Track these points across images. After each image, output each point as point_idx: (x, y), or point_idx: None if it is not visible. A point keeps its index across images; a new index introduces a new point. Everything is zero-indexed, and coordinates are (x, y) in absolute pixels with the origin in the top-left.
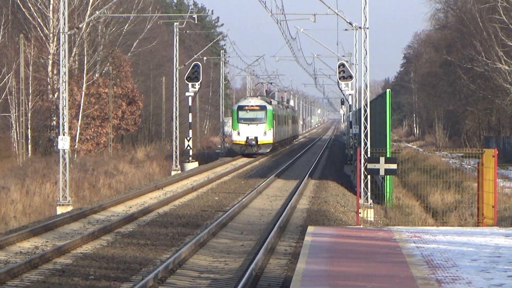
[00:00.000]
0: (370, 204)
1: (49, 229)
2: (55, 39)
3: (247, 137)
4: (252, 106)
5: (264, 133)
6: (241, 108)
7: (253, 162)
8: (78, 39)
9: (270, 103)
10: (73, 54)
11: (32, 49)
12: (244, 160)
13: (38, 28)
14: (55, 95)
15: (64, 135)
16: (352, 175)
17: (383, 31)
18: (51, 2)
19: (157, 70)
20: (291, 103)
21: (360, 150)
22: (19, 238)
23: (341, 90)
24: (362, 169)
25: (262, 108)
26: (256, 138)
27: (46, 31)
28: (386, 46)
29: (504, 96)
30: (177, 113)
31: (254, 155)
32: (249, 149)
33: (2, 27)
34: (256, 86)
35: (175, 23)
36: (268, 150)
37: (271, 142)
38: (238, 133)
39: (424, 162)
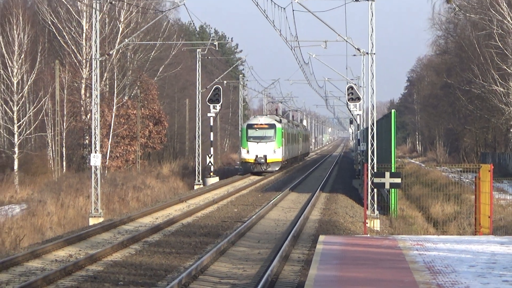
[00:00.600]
0: (377, 215)
1: (82, 239)
2: (87, 65)
3: (256, 155)
4: (261, 124)
5: (273, 151)
6: (250, 126)
7: (269, 176)
8: (109, 64)
9: (279, 121)
10: (104, 78)
11: (67, 74)
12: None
13: (72, 55)
14: (88, 116)
15: (96, 152)
16: (359, 188)
17: (388, 56)
18: (84, 30)
19: (181, 93)
20: (304, 122)
21: (367, 165)
22: (54, 247)
23: (350, 111)
24: (369, 183)
25: (271, 126)
26: (265, 156)
27: (80, 57)
28: (391, 69)
29: (500, 116)
30: (200, 132)
31: (263, 173)
32: (258, 167)
33: (39, 54)
34: (272, 107)
35: (197, 50)
36: (277, 168)
37: (280, 160)
38: (248, 151)
39: (426, 176)
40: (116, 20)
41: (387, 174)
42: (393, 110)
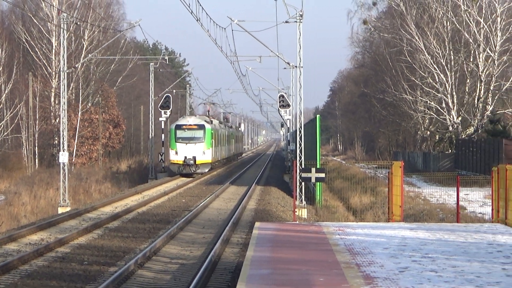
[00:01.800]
0: (304, 204)
1: (52, 225)
2: (56, 76)
3: (185, 157)
4: (190, 125)
5: (202, 153)
6: (179, 127)
7: (212, 172)
8: (75, 76)
9: (210, 122)
10: (70, 88)
11: (39, 84)
12: None
13: (43, 68)
14: (57, 120)
15: (63, 151)
16: (289, 182)
17: (314, 69)
18: (53, 47)
19: (137, 100)
20: (242, 126)
21: (296, 162)
22: (28, 232)
23: (281, 116)
24: (298, 177)
25: (201, 127)
26: (194, 157)
27: (50, 70)
28: (317, 80)
29: (409, 120)
30: (153, 134)
31: (193, 175)
32: (187, 168)
33: (15, 67)
34: (215, 112)
35: (151, 64)
36: (207, 170)
37: (210, 161)
38: (176, 153)
39: (346, 172)
40: (81, 38)
41: (313, 169)
42: (318, 115)
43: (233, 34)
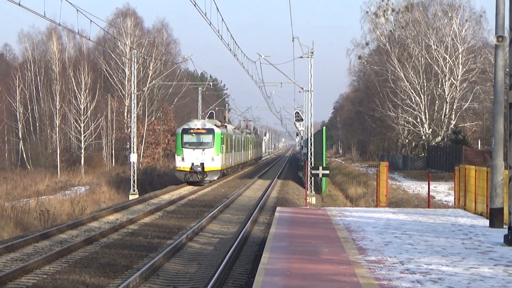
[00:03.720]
0: (313, 194)
1: (124, 208)
2: (128, 97)
3: (192, 163)
4: (198, 129)
5: (211, 159)
6: (186, 131)
7: (245, 168)
8: (142, 97)
9: (224, 127)
10: (139, 106)
11: (115, 103)
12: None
13: (119, 90)
14: (128, 130)
15: (133, 153)
16: (302, 177)
17: (321, 92)
18: (126, 75)
19: (188, 115)
20: (267, 135)
21: (307, 162)
22: (106, 214)
23: (296, 127)
24: (309, 173)
25: (210, 131)
26: (202, 164)
27: (124, 92)
28: (323, 100)
29: (392, 131)
30: None
31: (201, 183)
32: (195, 176)
33: (97, 90)
34: (245, 122)
35: (199, 88)
36: (216, 178)
37: (220, 168)
38: (183, 159)
39: (345, 169)
40: (147, 68)
41: (320, 168)
42: (324, 127)
43: (261, 65)
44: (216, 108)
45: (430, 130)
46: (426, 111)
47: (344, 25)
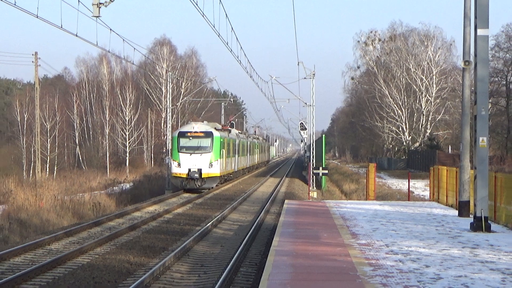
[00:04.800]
0: (315, 189)
1: (161, 201)
2: (165, 111)
3: (189, 169)
4: (195, 132)
5: (209, 165)
6: (182, 134)
7: (260, 168)
8: (176, 110)
9: (228, 131)
10: (173, 117)
11: (154, 115)
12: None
13: (157, 105)
14: (164, 137)
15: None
16: (306, 175)
17: (321, 106)
18: (163, 93)
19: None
20: (277, 142)
21: (310, 164)
22: (147, 205)
23: (301, 135)
24: (311, 172)
25: (208, 135)
26: (200, 170)
27: (161, 106)
28: (323, 113)
29: (379, 138)
30: None
31: (199, 191)
32: (192, 183)
33: (139, 105)
34: (254, 129)
35: (222, 103)
36: (214, 185)
37: (218, 175)
38: (179, 164)
39: (341, 169)
40: (179, 87)
41: (321, 168)
42: (323, 135)
43: (272, 85)
44: (236, 119)
45: (410, 137)
46: (407, 122)
47: (340, 51)
